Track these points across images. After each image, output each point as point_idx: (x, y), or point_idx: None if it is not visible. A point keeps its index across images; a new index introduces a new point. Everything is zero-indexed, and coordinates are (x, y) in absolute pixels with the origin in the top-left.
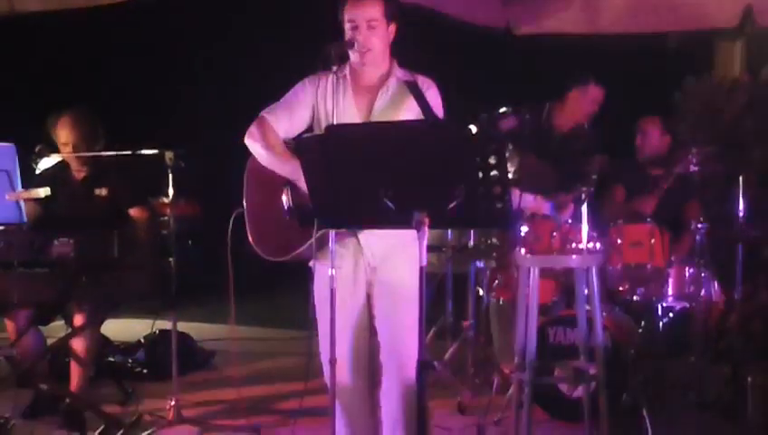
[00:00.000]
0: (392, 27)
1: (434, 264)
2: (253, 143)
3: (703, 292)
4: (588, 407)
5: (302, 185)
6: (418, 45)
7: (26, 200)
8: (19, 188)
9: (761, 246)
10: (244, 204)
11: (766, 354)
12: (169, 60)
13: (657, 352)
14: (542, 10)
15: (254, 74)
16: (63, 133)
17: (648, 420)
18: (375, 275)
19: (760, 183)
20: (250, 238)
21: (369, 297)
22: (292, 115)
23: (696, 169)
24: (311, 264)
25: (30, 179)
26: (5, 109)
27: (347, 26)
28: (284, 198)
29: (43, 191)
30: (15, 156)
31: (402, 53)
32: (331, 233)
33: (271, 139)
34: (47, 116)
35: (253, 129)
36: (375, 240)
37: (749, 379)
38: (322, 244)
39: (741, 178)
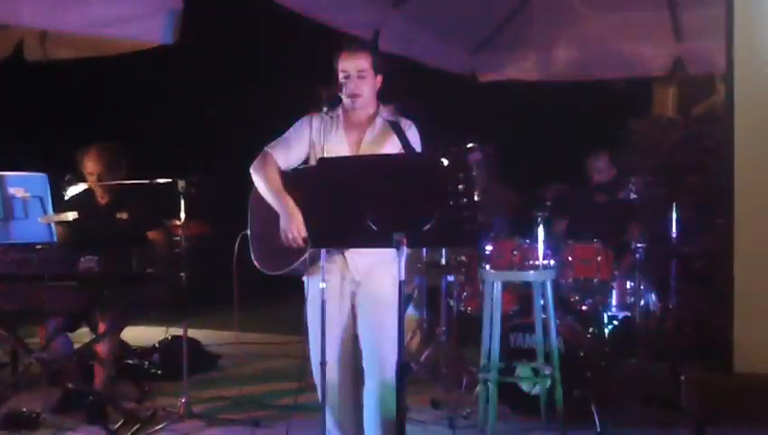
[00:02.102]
0: (379, 78)
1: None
2: (255, 175)
3: (642, 302)
4: (545, 402)
5: (282, 221)
6: (400, 89)
7: (57, 223)
8: (51, 212)
9: (692, 261)
10: (249, 226)
11: (698, 354)
12: (187, 100)
13: (603, 353)
14: (503, 60)
15: (260, 112)
16: (90, 164)
17: (596, 413)
18: (359, 289)
19: (691, 207)
20: (252, 256)
21: (353, 307)
22: (290, 150)
23: (636, 196)
24: (304, 278)
25: (60, 205)
26: (39, 143)
27: (340, 75)
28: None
29: (72, 215)
30: (48, 184)
31: (387, 95)
32: (322, 251)
33: (270, 173)
34: (75, 149)
35: (256, 162)
36: (359, 258)
37: (682, 376)
38: (314, 260)
39: (675, 203)
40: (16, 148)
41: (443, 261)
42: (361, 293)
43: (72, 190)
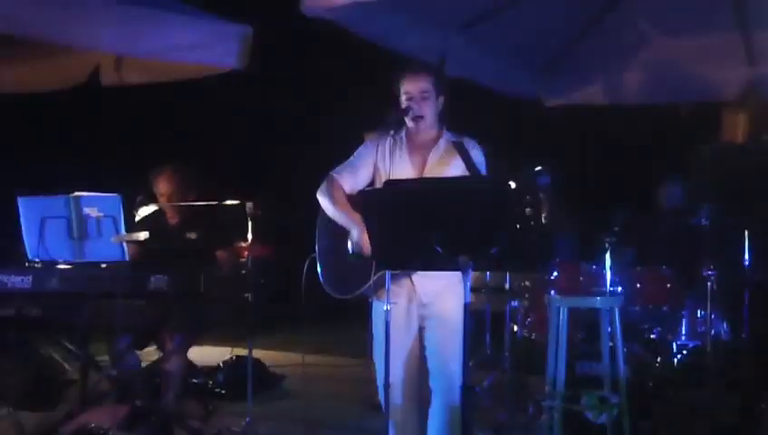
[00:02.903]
0: (441, 98)
1: (474, 302)
2: (322, 198)
3: (714, 331)
4: (611, 432)
5: (359, 237)
6: (467, 112)
7: (128, 242)
8: (123, 231)
9: (765, 290)
10: (316, 249)
11: None
12: (257, 125)
13: (672, 383)
14: (570, 85)
15: (328, 137)
16: (163, 185)
17: None
18: (426, 311)
19: (763, 235)
20: (321, 278)
21: (420, 330)
22: (356, 173)
23: (707, 222)
24: (370, 300)
25: (131, 225)
26: (112, 165)
27: (403, 97)
28: (349, 243)
29: (143, 235)
30: (121, 204)
31: (452, 117)
32: (388, 273)
33: (337, 195)
34: (148, 171)
35: (323, 186)
36: (426, 280)
37: (763, 406)
38: (381, 283)
39: (747, 231)
40: (91, 169)
41: (506, 286)
42: (429, 315)
43: (144, 211)
